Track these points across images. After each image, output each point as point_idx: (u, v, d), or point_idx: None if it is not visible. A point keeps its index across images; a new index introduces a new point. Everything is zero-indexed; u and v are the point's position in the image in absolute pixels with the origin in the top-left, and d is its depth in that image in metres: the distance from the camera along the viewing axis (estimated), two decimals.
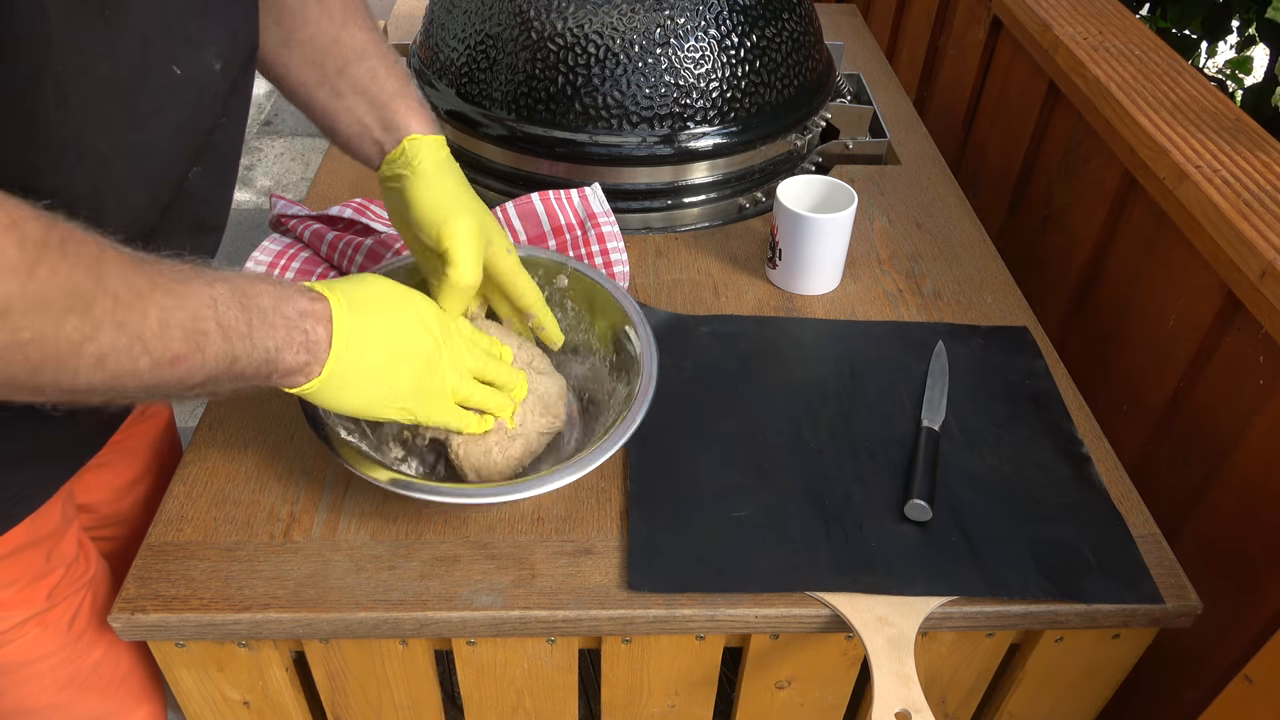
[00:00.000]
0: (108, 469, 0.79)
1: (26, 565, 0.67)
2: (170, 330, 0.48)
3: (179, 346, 0.48)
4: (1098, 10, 1.11)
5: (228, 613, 0.64)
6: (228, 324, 0.51)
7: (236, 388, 0.54)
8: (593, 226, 0.91)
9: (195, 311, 0.49)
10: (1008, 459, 0.77)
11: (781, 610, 0.66)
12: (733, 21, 0.95)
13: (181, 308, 0.48)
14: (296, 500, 0.72)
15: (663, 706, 0.76)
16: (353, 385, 0.58)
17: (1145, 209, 0.93)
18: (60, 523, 0.69)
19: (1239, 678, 0.62)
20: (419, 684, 0.73)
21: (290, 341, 0.54)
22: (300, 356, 0.55)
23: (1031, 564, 0.69)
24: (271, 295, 0.54)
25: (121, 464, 0.81)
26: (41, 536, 0.67)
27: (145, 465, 0.83)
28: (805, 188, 0.95)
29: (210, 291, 0.50)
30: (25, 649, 0.70)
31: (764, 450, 0.77)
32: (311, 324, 0.55)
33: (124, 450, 0.80)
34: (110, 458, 0.78)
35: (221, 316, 0.50)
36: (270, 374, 0.54)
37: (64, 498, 0.68)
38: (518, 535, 0.70)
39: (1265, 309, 0.72)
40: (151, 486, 0.85)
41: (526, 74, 0.95)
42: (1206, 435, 0.82)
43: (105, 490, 0.80)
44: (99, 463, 0.75)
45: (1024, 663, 0.74)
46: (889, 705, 0.60)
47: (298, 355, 0.55)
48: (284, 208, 0.92)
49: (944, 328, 0.90)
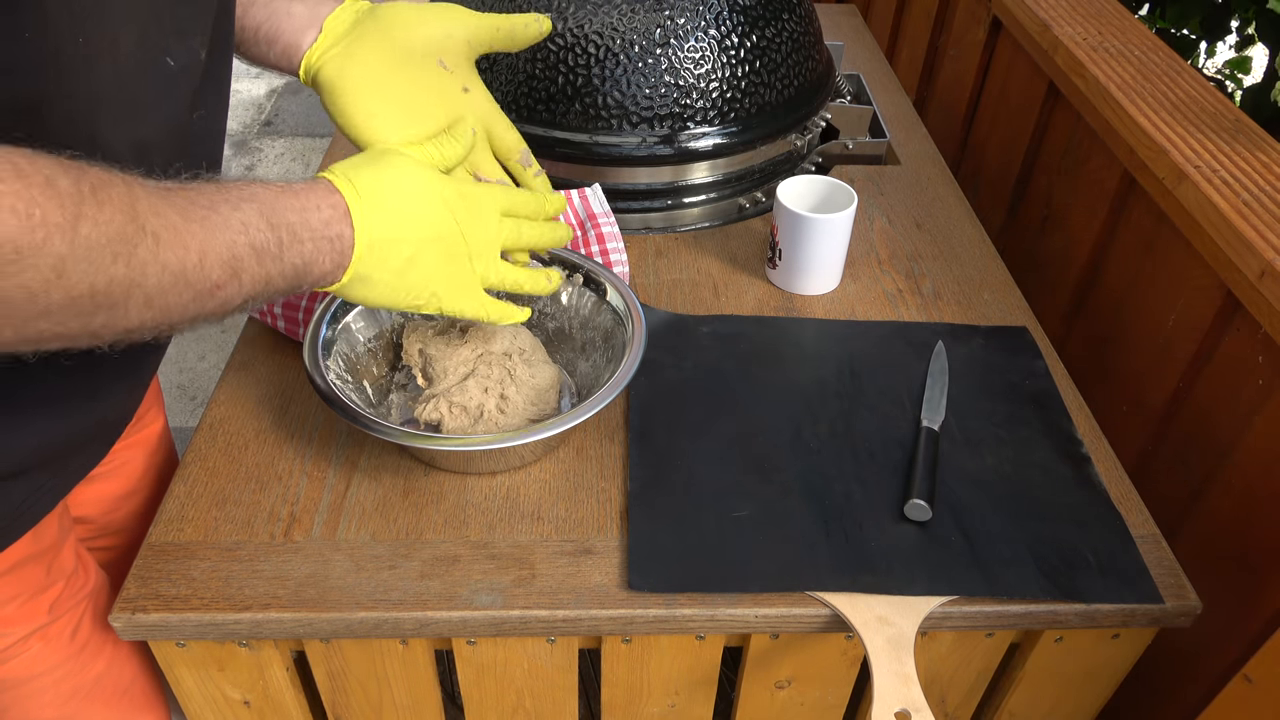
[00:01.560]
0: (103, 480, 0.78)
1: (28, 579, 0.66)
2: (208, 261, 0.48)
3: (217, 275, 0.49)
4: (1097, 10, 1.12)
5: (228, 612, 0.64)
6: (260, 246, 0.51)
7: (269, 301, 0.56)
8: (593, 227, 0.91)
9: (229, 239, 0.50)
10: (1008, 459, 0.77)
11: (781, 610, 0.66)
12: (733, 22, 0.95)
13: (215, 238, 0.49)
14: (296, 500, 0.72)
15: (663, 706, 0.76)
16: (378, 280, 0.59)
17: (1145, 209, 0.93)
18: (58, 535, 0.68)
19: (1239, 677, 0.62)
20: (419, 684, 0.73)
21: (317, 251, 0.55)
22: (326, 264, 0.56)
23: (1031, 564, 0.69)
24: (296, 208, 0.54)
25: (117, 475, 0.80)
26: (41, 550, 0.66)
27: (140, 476, 0.83)
28: (805, 188, 0.95)
29: (240, 216, 0.51)
30: (29, 664, 0.69)
31: (764, 450, 0.77)
32: (336, 230, 0.56)
33: (119, 462, 0.79)
34: (105, 469, 0.77)
35: (254, 239, 0.51)
36: (301, 283, 0.56)
37: (60, 510, 0.68)
38: (518, 535, 0.70)
39: (1264, 309, 0.73)
40: (147, 497, 0.84)
41: (526, 74, 0.95)
42: (1206, 435, 0.82)
43: (101, 502, 0.80)
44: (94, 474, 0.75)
45: (1024, 662, 0.74)
46: (889, 705, 0.60)
47: (325, 263, 0.56)
48: None
49: (944, 328, 0.90)
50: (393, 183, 0.59)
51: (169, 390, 1.92)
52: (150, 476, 0.84)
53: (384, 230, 0.58)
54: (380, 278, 0.59)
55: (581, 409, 0.69)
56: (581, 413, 0.69)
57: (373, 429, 0.67)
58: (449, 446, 0.68)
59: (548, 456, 0.76)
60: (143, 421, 0.81)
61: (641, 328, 0.76)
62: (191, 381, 1.95)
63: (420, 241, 0.59)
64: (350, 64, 0.64)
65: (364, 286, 0.59)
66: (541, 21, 0.69)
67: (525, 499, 0.73)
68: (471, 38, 0.67)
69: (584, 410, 0.69)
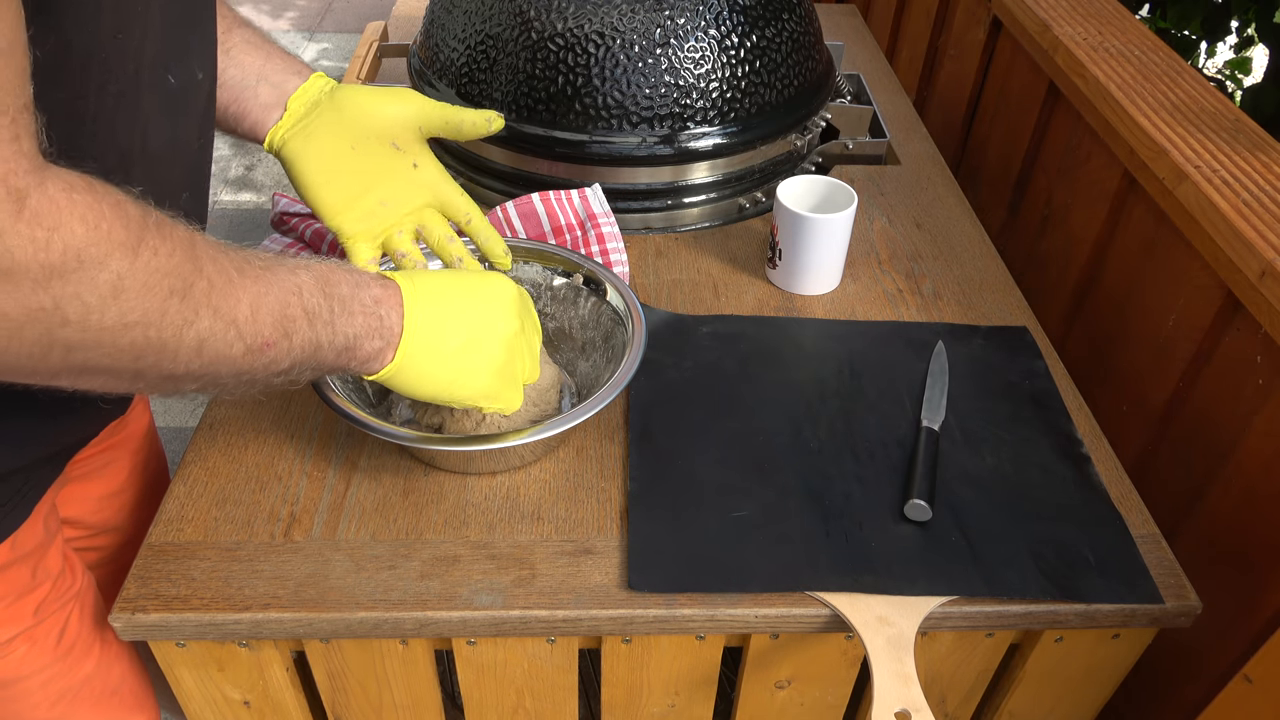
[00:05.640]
0: (90, 480, 0.78)
1: (12, 582, 0.66)
2: (261, 316, 0.49)
3: (269, 333, 0.50)
4: (1097, 10, 1.12)
5: (228, 612, 0.64)
6: (313, 311, 0.52)
7: (315, 376, 0.56)
8: (593, 227, 0.91)
9: (283, 298, 0.50)
10: (1008, 459, 0.77)
11: (781, 610, 0.66)
12: (733, 22, 0.95)
13: (270, 294, 0.50)
14: (296, 500, 0.72)
15: (663, 706, 0.76)
16: (429, 370, 0.60)
17: (1145, 209, 0.93)
18: (44, 537, 0.68)
19: (1239, 677, 0.62)
20: (419, 684, 0.73)
21: (368, 328, 0.56)
22: (376, 343, 0.57)
23: (1031, 564, 0.69)
24: (349, 283, 0.55)
25: (103, 475, 0.80)
26: (26, 553, 0.66)
27: (128, 475, 0.83)
28: (805, 188, 0.95)
29: (295, 279, 0.52)
30: (15, 666, 0.69)
31: (764, 450, 0.77)
32: (385, 310, 0.57)
33: (105, 461, 0.79)
34: (92, 468, 0.77)
35: (307, 303, 0.52)
36: (349, 361, 0.56)
37: (46, 511, 0.68)
38: (518, 535, 0.70)
39: (1264, 309, 0.73)
40: (135, 496, 0.84)
41: (526, 74, 0.95)
42: (1206, 435, 0.82)
43: (88, 501, 0.80)
44: (81, 474, 0.74)
45: (1024, 663, 0.74)
46: (889, 705, 0.60)
47: (374, 341, 0.57)
48: (286, 206, 0.92)
49: (944, 328, 0.90)
50: (450, 280, 0.62)
51: None
52: (137, 475, 0.84)
53: (436, 318, 0.59)
54: (431, 366, 0.60)
55: (581, 409, 0.69)
56: (581, 413, 0.69)
57: (373, 429, 0.67)
58: (449, 447, 0.68)
59: (548, 456, 0.76)
60: (127, 419, 0.81)
61: (641, 328, 0.76)
62: None
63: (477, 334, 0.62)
64: (309, 144, 0.70)
65: (415, 373, 0.60)
66: (493, 121, 0.74)
67: (525, 499, 0.73)
68: (423, 122, 0.72)
69: (584, 410, 0.69)
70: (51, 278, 0.40)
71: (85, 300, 0.41)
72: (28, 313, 0.40)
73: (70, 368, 0.44)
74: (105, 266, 0.41)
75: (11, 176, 0.38)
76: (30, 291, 0.40)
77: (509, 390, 0.65)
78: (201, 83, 0.58)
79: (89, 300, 0.41)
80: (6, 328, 0.40)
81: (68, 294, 0.41)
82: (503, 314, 0.63)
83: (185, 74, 0.56)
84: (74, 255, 0.40)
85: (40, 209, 0.39)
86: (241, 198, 2.52)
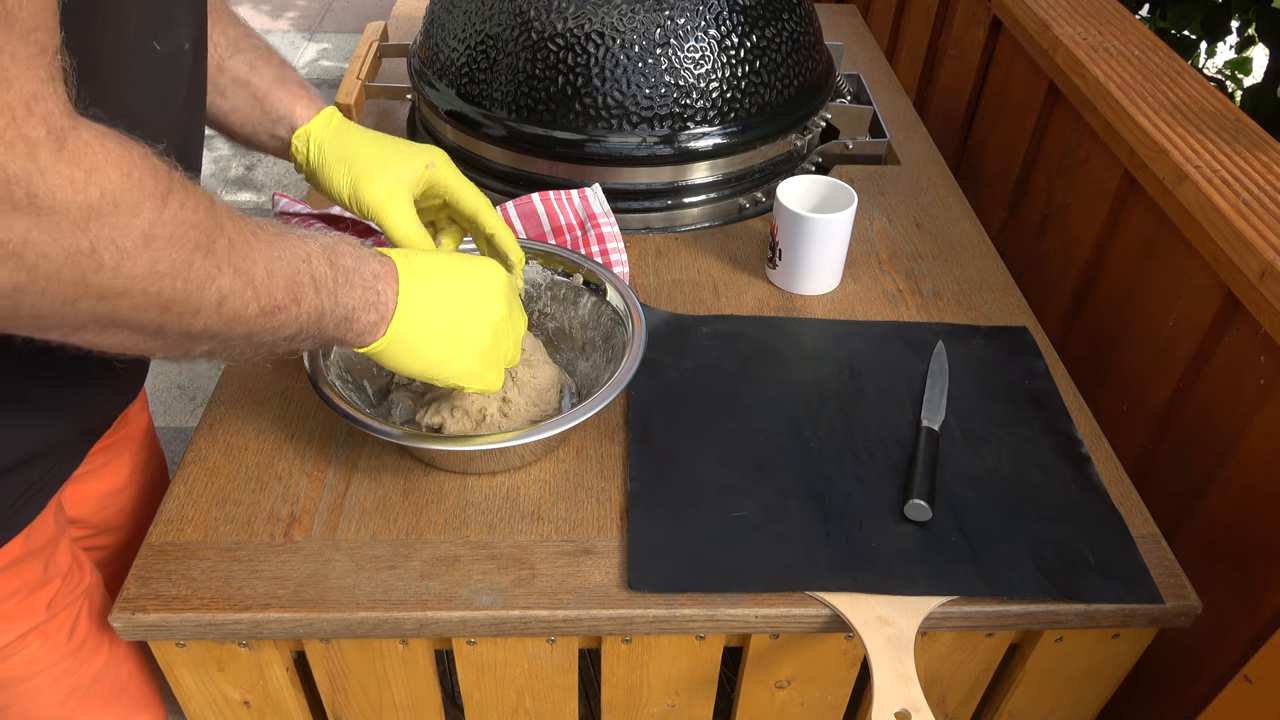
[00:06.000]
0: (92, 479, 0.79)
1: (26, 575, 0.67)
2: (275, 278, 0.50)
3: (280, 296, 0.51)
4: (1097, 10, 1.12)
5: (228, 612, 0.64)
6: (320, 279, 0.54)
7: (314, 346, 0.57)
8: (593, 227, 0.91)
9: (294, 264, 0.52)
10: (1008, 459, 0.77)
11: (781, 610, 0.66)
12: (733, 22, 0.95)
13: (282, 258, 0.51)
14: (296, 500, 0.72)
15: (663, 706, 0.76)
16: (418, 346, 0.61)
17: (1145, 209, 0.93)
18: (55, 531, 0.68)
19: (1239, 677, 0.62)
20: (419, 684, 0.73)
21: (366, 302, 0.57)
22: (371, 316, 0.58)
23: (1031, 564, 0.69)
24: (352, 256, 0.57)
25: (104, 473, 0.80)
26: (38, 546, 0.66)
27: (128, 474, 0.83)
28: (805, 188, 0.95)
29: (304, 247, 0.53)
30: (28, 662, 0.69)
31: (764, 450, 0.77)
32: (383, 285, 0.58)
33: (106, 459, 0.79)
34: (93, 467, 0.78)
35: (315, 271, 0.53)
36: (346, 333, 0.57)
37: (55, 507, 0.68)
38: (518, 535, 0.70)
39: (1265, 309, 0.73)
40: (135, 495, 0.84)
41: (526, 74, 0.95)
42: (1206, 435, 0.82)
43: (91, 500, 0.80)
44: (83, 472, 0.75)
45: (1024, 663, 0.74)
46: (889, 705, 0.60)
47: (369, 314, 0.58)
48: (286, 205, 0.92)
49: (944, 328, 0.90)
50: (445, 261, 0.63)
51: (169, 390, 1.92)
52: (137, 474, 0.84)
53: (428, 296, 0.60)
54: (421, 343, 0.61)
55: (581, 409, 0.69)
56: (581, 413, 0.69)
57: (373, 429, 0.67)
58: (449, 447, 0.68)
59: (548, 456, 0.76)
60: (127, 418, 0.81)
61: (641, 328, 0.76)
62: (191, 381, 1.95)
63: (466, 314, 0.63)
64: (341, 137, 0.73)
65: (404, 349, 0.60)
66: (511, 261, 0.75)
67: (525, 499, 0.73)
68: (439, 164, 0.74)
69: (584, 410, 0.69)
70: (90, 219, 0.40)
71: (120, 245, 0.42)
72: (66, 255, 0.40)
73: (98, 318, 0.44)
74: (139, 213, 0.42)
75: (51, 116, 0.39)
76: (70, 232, 0.40)
77: (491, 371, 0.66)
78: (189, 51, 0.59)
79: (124, 245, 0.42)
80: (46, 269, 0.40)
81: (104, 237, 0.41)
82: (492, 297, 0.64)
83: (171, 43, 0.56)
84: (110, 199, 0.41)
85: (78, 151, 0.40)
86: (241, 198, 2.52)
